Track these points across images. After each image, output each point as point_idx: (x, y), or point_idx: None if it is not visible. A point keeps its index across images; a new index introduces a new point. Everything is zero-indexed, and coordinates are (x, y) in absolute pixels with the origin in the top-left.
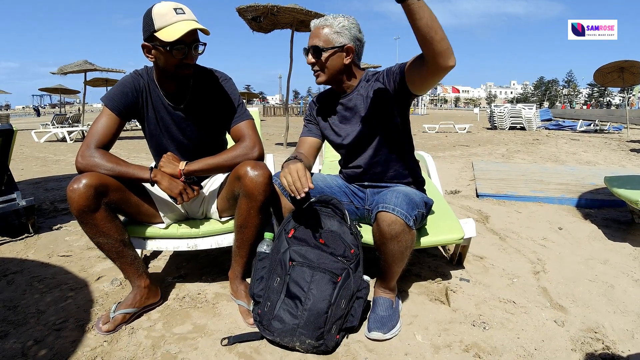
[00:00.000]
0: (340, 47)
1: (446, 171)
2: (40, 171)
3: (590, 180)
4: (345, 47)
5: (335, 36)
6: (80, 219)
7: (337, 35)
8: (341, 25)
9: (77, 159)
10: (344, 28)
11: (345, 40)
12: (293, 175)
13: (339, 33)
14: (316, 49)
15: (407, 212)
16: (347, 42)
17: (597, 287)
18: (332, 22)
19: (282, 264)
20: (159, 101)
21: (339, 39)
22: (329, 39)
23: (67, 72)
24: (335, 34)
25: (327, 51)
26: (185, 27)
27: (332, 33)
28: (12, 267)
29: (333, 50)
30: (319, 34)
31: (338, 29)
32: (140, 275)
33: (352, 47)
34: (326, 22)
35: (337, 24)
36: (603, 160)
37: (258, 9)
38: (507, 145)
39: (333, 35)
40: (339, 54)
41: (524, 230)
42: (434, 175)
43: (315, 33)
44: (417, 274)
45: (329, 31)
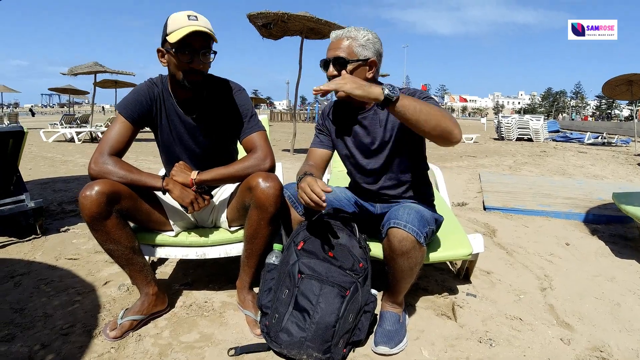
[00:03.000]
0: (364, 61)
1: (453, 182)
2: (48, 171)
3: (598, 194)
4: (370, 61)
5: (360, 49)
6: (91, 225)
7: (362, 48)
8: (366, 39)
9: (90, 165)
10: (369, 41)
11: (369, 54)
12: (307, 191)
13: (363, 46)
14: (340, 60)
15: (418, 228)
16: (371, 55)
17: (604, 305)
18: (356, 35)
19: (290, 276)
20: (172, 110)
21: (364, 52)
22: (354, 52)
23: (77, 73)
24: (360, 47)
25: (352, 64)
26: (190, 29)
27: (357, 46)
28: (20, 269)
29: (357, 64)
30: (342, 46)
31: (363, 42)
32: (148, 282)
33: (376, 62)
34: (350, 33)
35: (362, 37)
36: (611, 174)
37: (269, 15)
38: (515, 157)
39: (358, 48)
40: (362, 67)
41: (531, 245)
42: (442, 189)
43: (337, 44)
44: (425, 288)
45: (354, 43)
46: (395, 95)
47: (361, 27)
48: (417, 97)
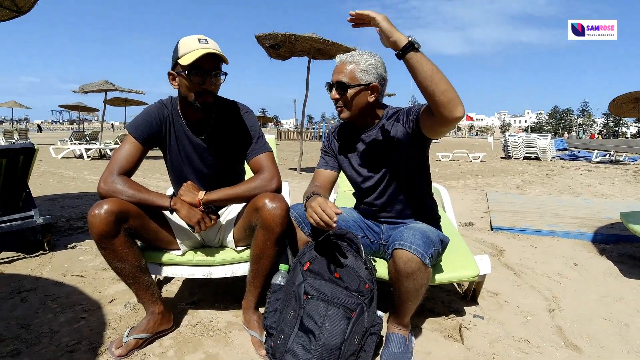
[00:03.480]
0: (365, 85)
1: (460, 202)
2: (57, 188)
3: (606, 214)
4: (371, 85)
5: (361, 74)
6: (99, 243)
7: (364, 73)
8: (368, 64)
9: (100, 184)
10: (371, 66)
11: (371, 79)
12: (318, 211)
13: (365, 71)
14: (342, 85)
15: (423, 250)
16: (373, 80)
17: (612, 326)
18: (359, 60)
19: (296, 296)
20: (181, 131)
21: (365, 77)
22: (355, 76)
23: (88, 91)
24: (362, 71)
25: (353, 88)
26: (202, 51)
27: (358, 70)
28: (27, 285)
29: (359, 88)
30: (345, 70)
31: (365, 66)
32: (154, 301)
33: (377, 86)
34: (353, 58)
35: (364, 61)
36: (619, 192)
37: (277, 37)
38: (522, 176)
39: (360, 73)
40: (364, 92)
41: (539, 265)
42: (449, 209)
43: (340, 69)
44: (431, 309)
45: (356, 68)
46: (417, 44)
47: (365, 51)
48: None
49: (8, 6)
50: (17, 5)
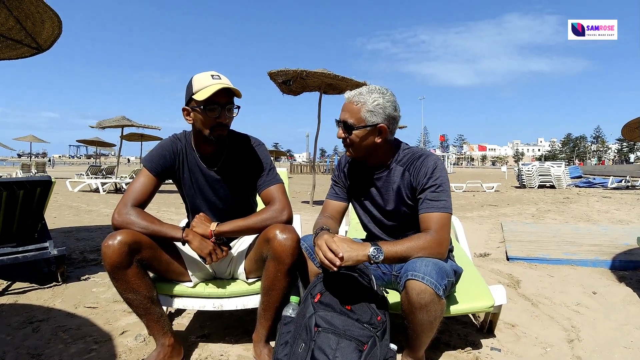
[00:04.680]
0: (372, 126)
1: (475, 232)
2: (73, 220)
3: (624, 240)
4: (378, 126)
5: (368, 115)
6: (112, 274)
7: (370, 114)
8: (375, 104)
9: (114, 215)
10: (378, 107)
11: (378, 120)
12: (323, 249)
13: (372, 112)
14: (347, 125)
15: (436, 280)
16: (380, 121)
17: (633, 354)
18: (366, 100)
19: (307, 329)
20: (194, 163)
21: (372, 119)
22: (361, 117)
23: (105, 126)
24: (369, 112)
25: (359, 129)
26: (217, 87)
27: (365, 111)
28: (39, 315)
29: (364, 130)
30: (352, 110)
31: (372, 107)
32: (165, 333)
33: (385, 127)
34: (360, 97)
35: (371, 101)
36: (636, 218)
37: (288, 73)
38: (537, 205)
39: (366, 114)
40: (371, 133)
41: (557, 295)
42: (462, 239)
43: (347, 107)
44: (446, 342)
45: (363, 109)
46: (378, 258)
47: (375, 89)
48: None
49: (29, 43)
50: (37, 43)
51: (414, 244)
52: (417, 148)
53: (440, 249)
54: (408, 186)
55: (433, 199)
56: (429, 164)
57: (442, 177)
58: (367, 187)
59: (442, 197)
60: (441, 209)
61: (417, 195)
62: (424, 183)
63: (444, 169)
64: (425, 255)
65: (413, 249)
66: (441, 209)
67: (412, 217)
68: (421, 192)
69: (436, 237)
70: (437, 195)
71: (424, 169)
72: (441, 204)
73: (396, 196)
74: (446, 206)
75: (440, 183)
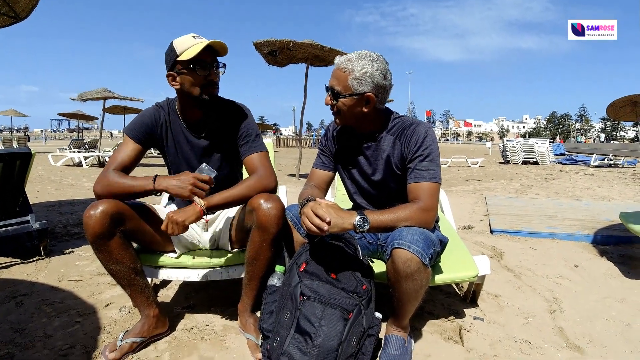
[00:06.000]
0: (359, 95)
1: (459, 206)
2: (55, 194)
3: (606, 216)
4: (365, 95)
5: (355, 83)
6: (94, 245)
7: (358, 82)
8: (363, 72)
9: (95, 182)
10: (366, 75)
11: (365, 89)
12: (309, 215)
13: (359, 80)
14: (334, 92)
15: (423, 249)
16: (367, 90)
17: (614, 326)
18: (354, 67)
19: (292, 298)
20: (179, 131)
21: (359, 87)
22: (348, 85)
23: (86, 98)
24: (356, 80)
25: (345, 97)
26: (202, 44)
27: (352, 79)
28: (22, 289)
29: (351, 99)
30: (339, 77)
31: (359, 75)
32: (149, 304)
33: (372, 96)
34: (349, 64)
35: (359, 69)
36: (618, 195)
37: (274, 43)
38: (521, 180)
39: (353, 82)
40: (357, 102)
41: (539, 267)
42: (447, 211)
43: (335, 73)
44: (430, 311)
45: (350, 77)
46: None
47: (366, 55)
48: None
49: (6, 12)
50: (15, 12)
51: (401, 213)
52: (407, 117)
53: (428, 219)
54: (398, 156)
55: (422, 168)
56: (420, 132)
57: (432, 146)
58: (355, 156)
59: (431, 167)
60: (430, 178)
61: (406, 164)
62: (414, 152)
63: (434, 138)
64: (412, 225)
65: (400, 218)
66: (430, 179)
67: (399, 188)
68: (410, 161)
69: (424, 207)
70: (427, 164)
71: (415, 137)
72: (430, 174)
73: (385, 166)
74: (435, 176)
75: (430, 152)
